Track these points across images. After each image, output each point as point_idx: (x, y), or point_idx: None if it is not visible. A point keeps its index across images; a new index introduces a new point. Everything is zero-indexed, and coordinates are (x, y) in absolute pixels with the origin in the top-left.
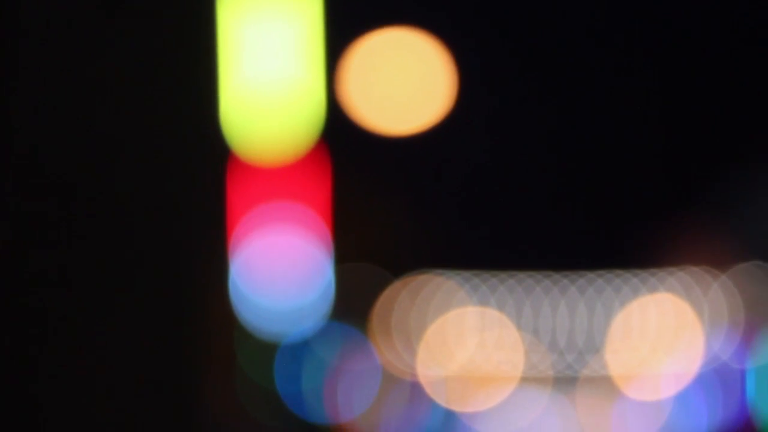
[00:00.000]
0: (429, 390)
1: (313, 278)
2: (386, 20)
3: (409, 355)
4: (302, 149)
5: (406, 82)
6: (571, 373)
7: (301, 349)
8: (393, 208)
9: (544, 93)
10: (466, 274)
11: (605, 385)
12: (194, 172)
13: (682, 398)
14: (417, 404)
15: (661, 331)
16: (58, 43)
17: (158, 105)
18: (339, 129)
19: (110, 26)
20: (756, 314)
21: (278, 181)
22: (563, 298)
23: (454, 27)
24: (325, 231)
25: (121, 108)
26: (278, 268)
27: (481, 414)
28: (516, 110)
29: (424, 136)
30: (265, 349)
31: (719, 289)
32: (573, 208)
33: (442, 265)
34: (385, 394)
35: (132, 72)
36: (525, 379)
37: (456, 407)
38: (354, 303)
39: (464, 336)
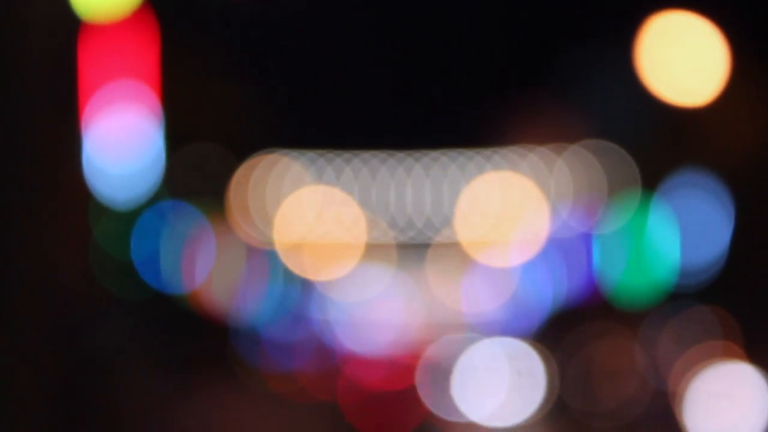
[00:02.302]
0: (283, 260)
1: (147, 147)
2: None
3: (263, 227)
4: (130, 10)
5: None
6: (422, 241)
7: (155, 223)
8: (237, 88)
9: None
10: (312, 154)
11: (455, 253)
12: (42, 45)
13: (531, 266)
14: (270, 274)
15: (507, 207)
16: None
17: None
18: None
19: None
20: (597, 188)
21: (116, 41)
22: (409, 176)
23: None
24: (155, 100)
25: None
26: (119, 141)
27: (335, 282)
28: None
29: (269, 13)
30: (119, 223)
31: (562, 166)
32: (415, 89)
33: (289, 145)
34: (237, 265)
35: None
36: (374, 248)
37: (310, 276)
38: (204, 181)
39: (315, 212)
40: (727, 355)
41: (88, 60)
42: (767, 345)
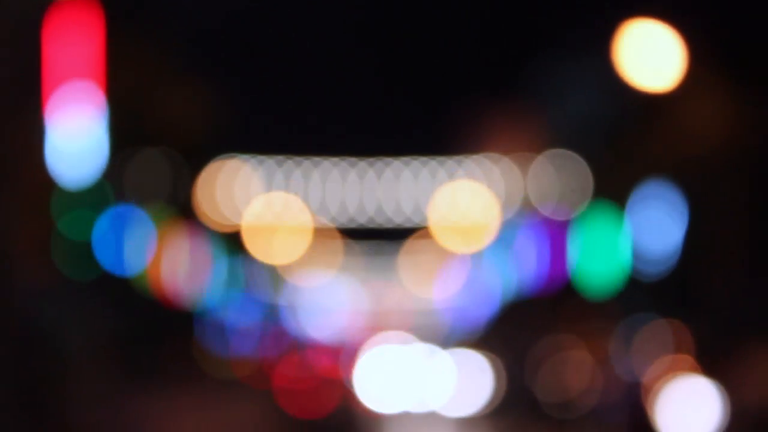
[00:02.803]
0: (238, 246)
1: (93, 133)
2: None
3: (223, 214)
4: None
5: None
6: (376, 228)
7: (112, 212)
8: (200, 91)
9: None
10: (271, 160)
11: (416, 244)
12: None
13: (490, 255)
14: (223, 260)
15: (470, 215)
16: None
17: None
18: None
19: None
20: (564, 196)
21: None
22: (374, 183)
23: None
24: (100, 89)
25: None
26: (70, 125)
27: (291, 269)
28: None
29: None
30: (76, 206)
31: (525, 172)
32: (381, 96)
33: (248, 150)
34: (189, 251)
35: None
36: (326, 235)
37: (266, 262)
38: (159, 181)
39: (271, 207)
40: (682, 364)
41: (48, 45)
42: (721, 357)
